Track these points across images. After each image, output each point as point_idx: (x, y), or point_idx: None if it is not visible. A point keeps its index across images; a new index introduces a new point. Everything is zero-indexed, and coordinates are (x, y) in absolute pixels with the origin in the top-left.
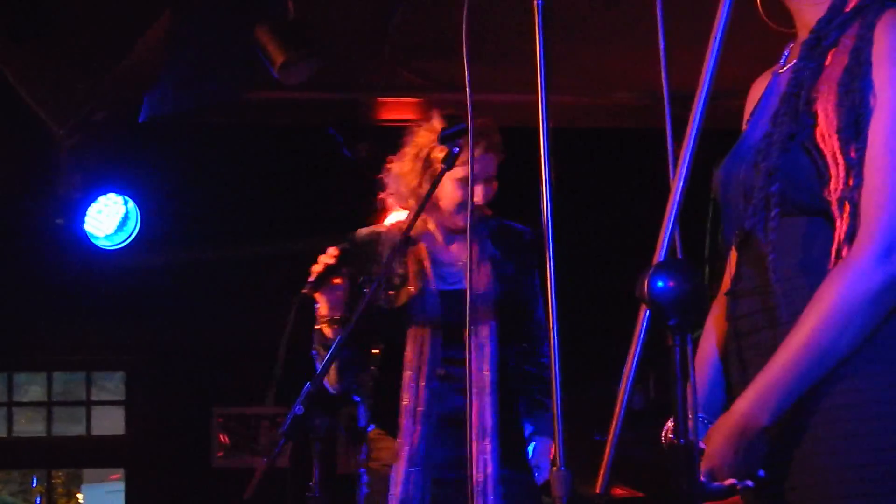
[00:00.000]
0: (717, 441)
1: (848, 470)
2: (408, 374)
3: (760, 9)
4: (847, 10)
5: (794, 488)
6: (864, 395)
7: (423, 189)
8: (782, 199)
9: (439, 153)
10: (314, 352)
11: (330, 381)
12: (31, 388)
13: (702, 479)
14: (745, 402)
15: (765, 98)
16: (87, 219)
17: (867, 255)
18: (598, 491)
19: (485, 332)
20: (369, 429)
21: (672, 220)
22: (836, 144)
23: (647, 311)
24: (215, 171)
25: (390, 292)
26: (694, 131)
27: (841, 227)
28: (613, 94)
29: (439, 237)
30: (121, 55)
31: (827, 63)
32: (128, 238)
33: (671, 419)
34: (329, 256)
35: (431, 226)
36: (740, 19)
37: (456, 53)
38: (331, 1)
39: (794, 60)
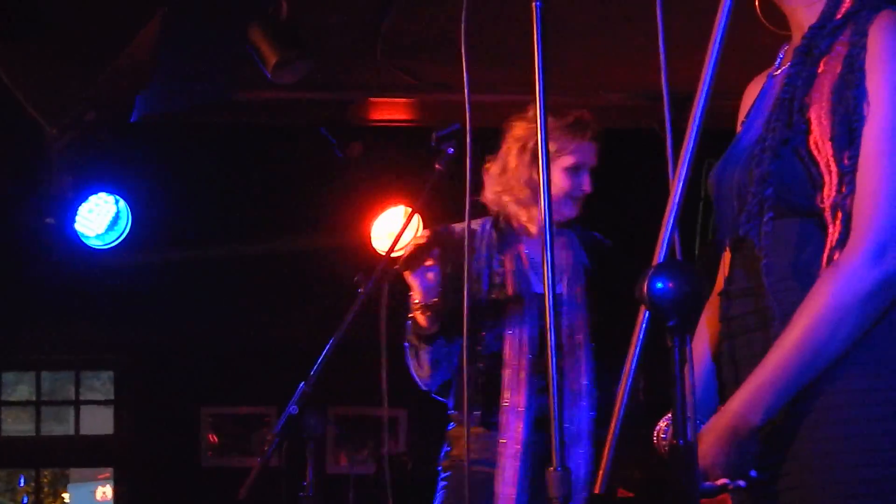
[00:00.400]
0: (709, 441)
1: (841, 471)
2: (508, 373)
3: (759, 11)
4: (839, 15)
5: (786, 489)
6: (857, 396)
7: (535, 180)
8: (776, 201)
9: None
10: (406, 343)
11: (422, 375)
12: (19, 387)
13: None
14: (737, 402)
15: (759, 100)
16: (77, 218)
17: (859, 255)
18: (597, 491)
19: (580, 337)
20: (450, 427)
21: (672, 221)
22: (830, 152)
23: (647, 312)
24: (207, 171)
25: (492, 287)
26: (694, 132)
27: (833, 233)
28: (605, 95)
29: (534, 232)
30: (113, 54)
31: (819, 70)
32: (118, 238)
33: (662, 420)
34: (420, 237)
35: (531, 221)
36: (734, 20)
37: (448, 54)
38: (324, 1)
39: (788, 64)
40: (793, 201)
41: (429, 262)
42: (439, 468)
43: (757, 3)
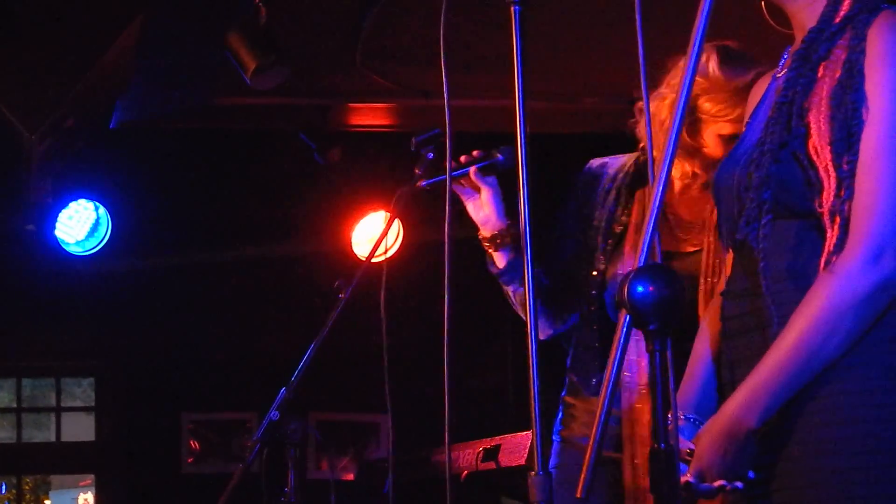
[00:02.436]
0: (705, 442)
1: (836, 473)
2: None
3: (765, 9)
4: (837, 19)
5: (780, 490)
6: (852, 399)
7: (682, 139)
8: (774, 205)
9: (707, 102)
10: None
11: (523, 316)
12: (0, 394)
13: (691, 479)
14: (734, 404)
15: (763, 101)
16: (57, 225)
17: (856, 259)
18: (578, 496)
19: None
20: (564, 392)
21: (652, 225)
22: (829, 156)
23: (627, 316)
24: (187, 177)
25: (609, 241)
26: (673, 136)
27: (831, 237)
28: (584, 99)
29: (677, 187)
30: (92, 61)
31: (819, 75)
32: (99, 244)
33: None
34: (465, 157)
35: (675, 171)
36: (715, 26)
37: (428, 59)
38: (303, 6)
39: (788, 67)
40: (791, 204)
41: (478, 185)
42: (556, 438)
43: (763, 4)
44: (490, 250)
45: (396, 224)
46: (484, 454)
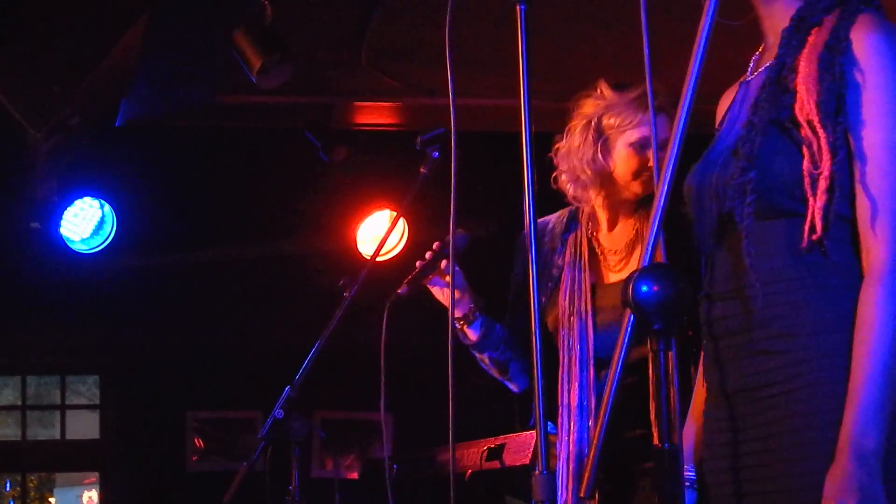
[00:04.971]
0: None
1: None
2: (561, 372)
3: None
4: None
5: (775, 449)
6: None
7: (598, 160)
8: (758, 193)
9: (610, 118)
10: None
11: (501, 378)
12: (5, 391)
13: None
14: (846, 439)
15: (732, 109)
16: (63, 223)
17: (890, 273)
18: (582, 495)
19: None
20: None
21: (656, 225)
22: (816, 117)
23: (632, 316)
24: (192, 175)
25: (549, 283)
26: (678, 137)
27: (814, 204)
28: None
29: (604, 219)
30: (98, 58)
31: (810, 40)
32: (104, 242)
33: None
34: (429, 252)
35: (598, 205)
36: (716, 27)
37: (433, 58)
38: (308, 5)
39: (766, 65)
40: (777, 200)
41: (445, 279)
42: None
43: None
44: (463, 327)
45: (401, 223)
46: (488, 453)
